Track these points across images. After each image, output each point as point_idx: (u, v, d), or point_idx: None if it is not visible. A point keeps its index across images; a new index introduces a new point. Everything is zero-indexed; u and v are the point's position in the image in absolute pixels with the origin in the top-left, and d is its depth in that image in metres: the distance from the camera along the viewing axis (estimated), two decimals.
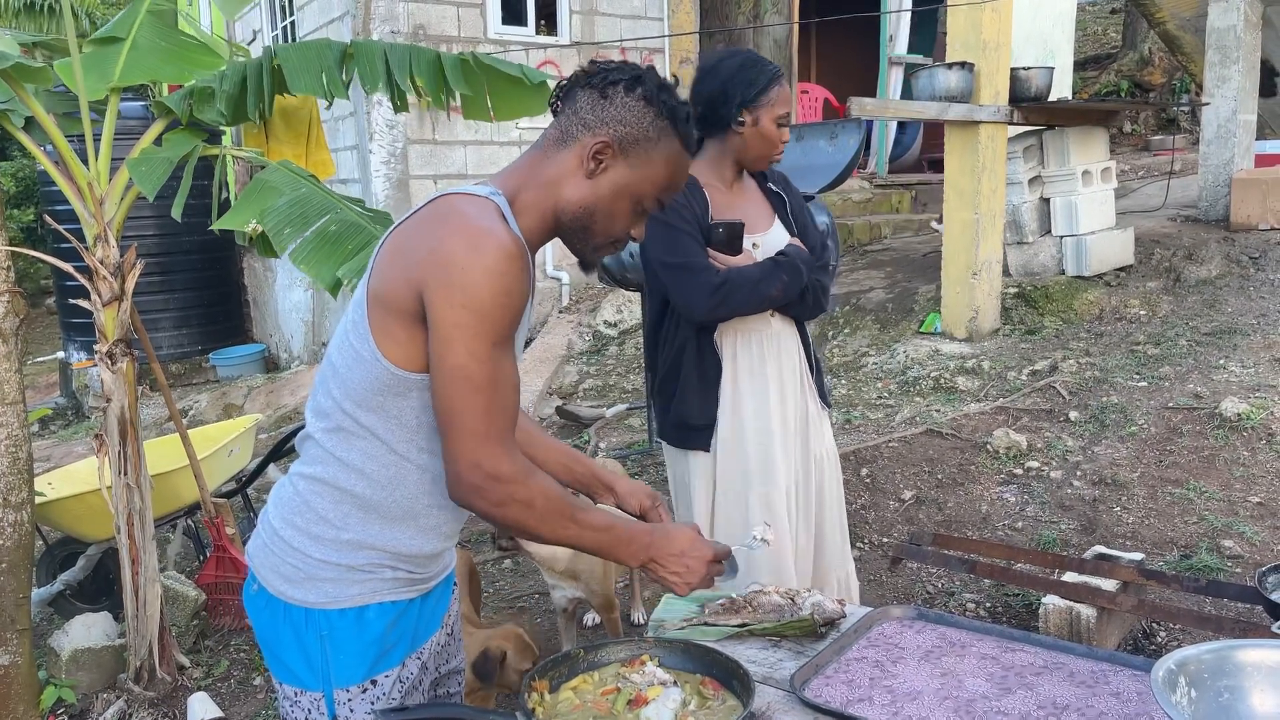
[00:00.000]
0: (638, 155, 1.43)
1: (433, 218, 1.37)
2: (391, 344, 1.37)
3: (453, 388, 1.31)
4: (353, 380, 1.41)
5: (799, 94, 10.62)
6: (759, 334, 2.43)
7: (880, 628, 1.67)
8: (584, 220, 1.45)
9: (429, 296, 1.30)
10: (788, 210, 2.49)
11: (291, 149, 3.37)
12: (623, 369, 6.97)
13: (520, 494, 1.36)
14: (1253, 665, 1.32)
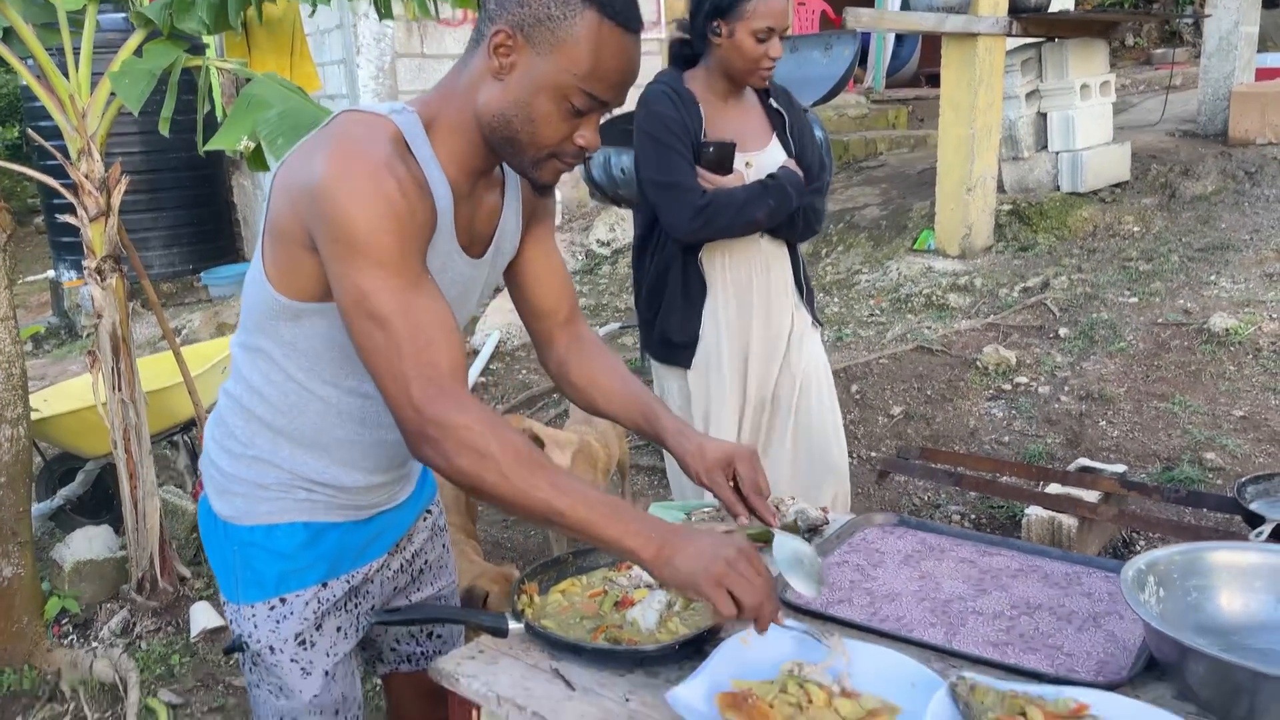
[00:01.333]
0: (544, 40, 1.23)
1: (318, 142, 1.24)
2: (278, 271, 1.30)
3: (356, 327, 1.21)
4: (250, 301, 1.37)
5: (795, 5, 10.38)
6: (747, 254, 2.41)
7: (862, 533, 1.71)
8: (504, 130, 1.27)
9: (314, 232, 1.22)
10: (786, 128, 2.42)
11: (275, 61, 3.31)
12: (615, 288, 6.96)
13: (471, 440, 1.17)
14: (1221, 565, 1.36)
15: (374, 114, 1.26)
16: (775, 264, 2.45)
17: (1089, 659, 1.30)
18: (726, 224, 2.30)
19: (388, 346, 1.19)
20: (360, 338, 1.21)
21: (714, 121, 2.34)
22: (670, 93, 2.33)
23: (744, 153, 2.35)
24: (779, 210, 2.31)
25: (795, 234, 2.43)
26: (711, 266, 2.40)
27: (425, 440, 1.19)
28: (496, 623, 1.39)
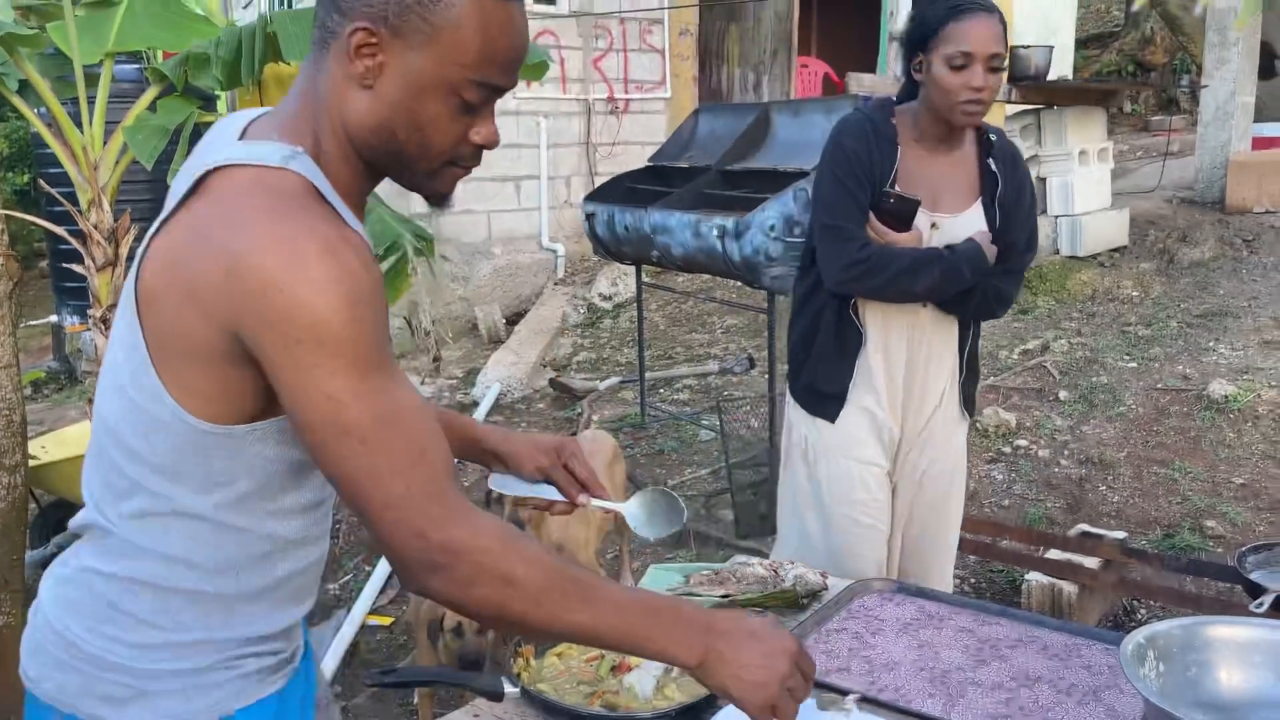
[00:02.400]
0: (416, 31, 0.99)
1: (215, 221, 0.97)
2: (196, 398, 1.00)
3: (335, 451, 0.95)
4: (149, 448, 1.03)
5: (799, 68, 10.57)
6: (906, 319, 2.16)
7: (861, 600, 1.70)
8: (387, 145, 1.03)
9: (253, 340, 0.94)
10: (996, 194, 2.12)
11: None
12: (616, 342, 6.98)
13: (492, 564, 0.97)
14: (1221, 640, 1.36)
15: (269, 168, 0.99)
16: (938, 337, 2.18)
17: None
18: (879, 286, 2.07)
19: (375, 466, 0.95)
20: (335, 461, 0.96)
21: (911, 168, 2.08)
22: (868, 127, 2.09)
23: (934, 212, 2.10)
24: (943, 287, 2.06)
25: (967, 313, 2.18)
26: (871, 319, 2.17)
27: (433, 570, 0.97)
28: (492, 686, 1.38)
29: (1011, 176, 2.13)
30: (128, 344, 1.04)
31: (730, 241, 3.83)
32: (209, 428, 1.02)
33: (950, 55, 1.96)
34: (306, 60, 1.06)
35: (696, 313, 7.35)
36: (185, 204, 1.01)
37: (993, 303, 2.16)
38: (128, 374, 1.04)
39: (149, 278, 1.02)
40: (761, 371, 5.60)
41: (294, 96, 1.06)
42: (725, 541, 3.85)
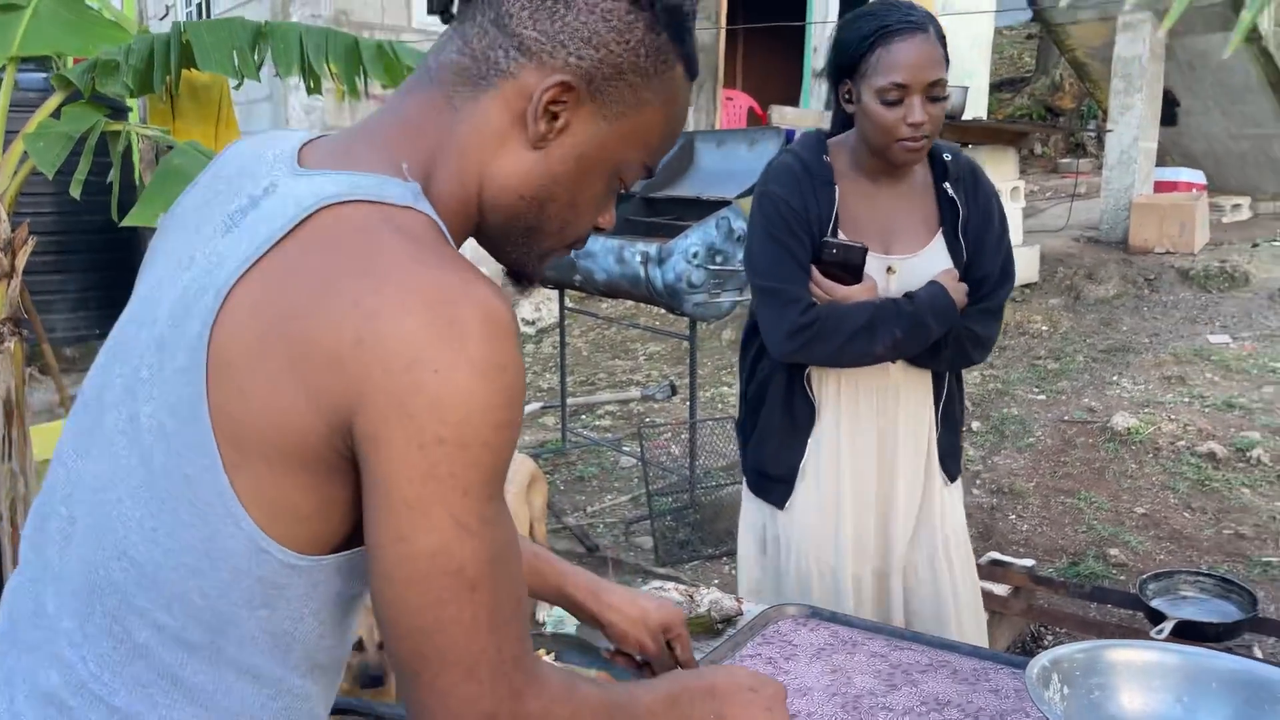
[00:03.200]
0: (619, 98, 0.84)
1: (337, 268, 0.74)
2: (283, 517, 0.77)
3: (432, 593, 0.73)
4: (198, 593, 0.77)
5: (724, 100, 10.73)
6: (872, 380, 1.87)
7: (775, 625, 1.70)
8: (530, 215, 0.86)
9: (371, 430, 0.72)
10: (959, 225, 1.85)
11: (201, 129, 3.28)
12: (539, 367, 6.94)
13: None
14: (1122, 664, 1.38)
15: (396, 206, 0.78)
16: (910, 394, 1.89)
17: None
18: (832, 353, 1.79)
19: (475, 619, 0.74)
20: (425, 606, 0.73)
21: (854, 208, 1.83)
22: (797, 169, 1.83)
23: (886, 255, 1.84)
24: (908, 343, 1.79)
25: (939, 364, 1.88)
26: (823, 388, 1.89)
27: None
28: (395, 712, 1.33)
29: (974, 200, 1.86)
30: (174, 440, 0.76)
31: (653, 268, 3.84)
32: (295, 560, 0.77)
33: (882, 88, 1.70)
34: (425, 87, 0.85)
35: (620, 339, 7.36)
36: (277, 246, 0.76)
37: (969, 349, 1.86)
38: (173, 485, 0.76)
39: (227, 339, 0.74)
40: (683, 398, 5.62)
41: (391, 124, 0.85)
42: (644, 568, 3.83)
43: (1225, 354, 5.58)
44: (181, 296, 0.79)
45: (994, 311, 1.88)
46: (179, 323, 0.77)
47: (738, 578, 2.13)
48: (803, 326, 1.77)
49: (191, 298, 0.78)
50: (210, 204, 0.86)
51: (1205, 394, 5.07)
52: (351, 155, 0.83)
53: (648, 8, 0.83)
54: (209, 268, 0.78)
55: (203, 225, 0.84)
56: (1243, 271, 6.57)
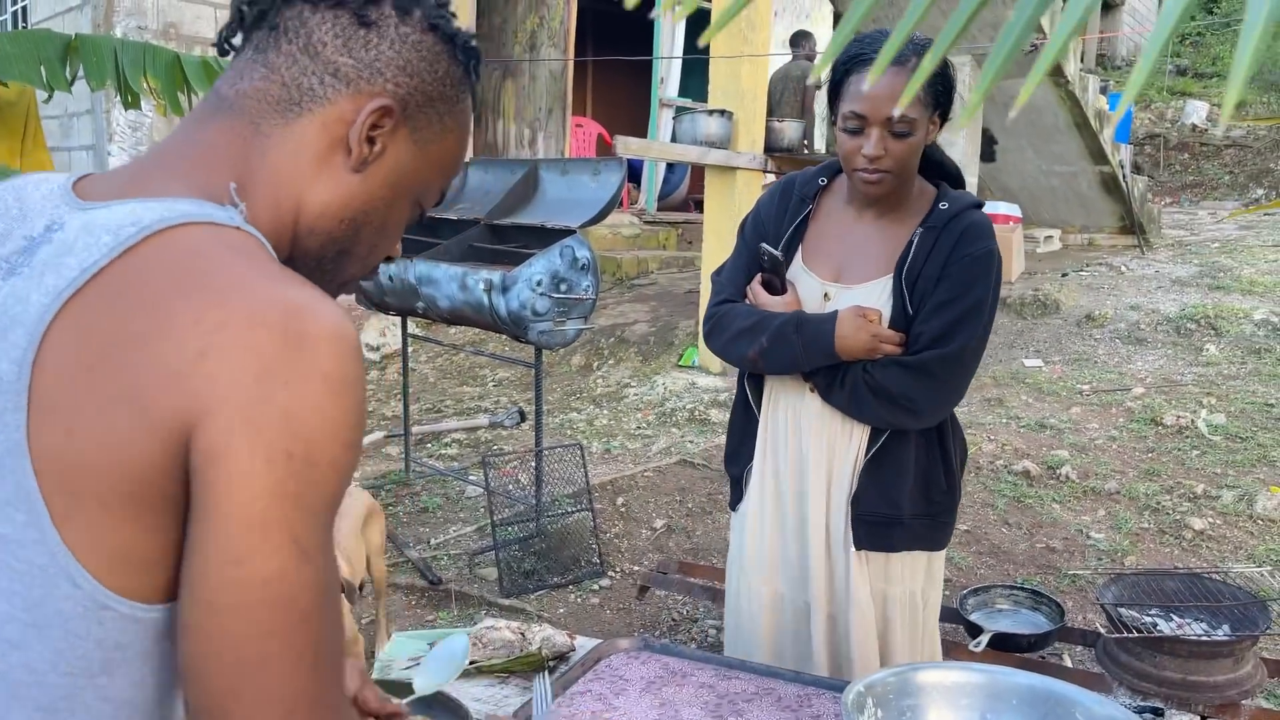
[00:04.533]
0: (429, 124, 0.87)
1: (171, 288, 0.70)
2: (126, 564, 0.70)
3: (258, 623, 0.68)
4: (25, 662, 0.70)
5: (573, 127, 10.81)
6: (790, 406, 1.89)
7: (607, 661, 1.70)
8: (343, 239, 0.86)
9: (209, 448, 0.67)
10: (905, 264, 1.77)
11: (5, 145, 3.06)
12: (384, 395, 6.77)
13: None
14: (931, 685, 1.45)
15: (224, 226, 0.76)
16: (826, 431, 1.83)
17: None
18: (721, 346, 1.87)
19: (300, 656, 0.69)
20: (247, 638, 0.68)
21: (822, 230, 1.88)
22: (790, 185, 1.94)
23: (830, 282, 1.85)
24: (771, 354, 1.79)
25: (844, 405, 1.80)
26: (765, 395, 1.92)
27: None
28: None
29: (942, 254, 1.76)
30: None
31: (497, 295, 3.82)
32: (140, 612, 0.71)
33: (845, 115, 1.73)
34: (224, 115, 0.83)
35: (468, 365, 7.27)
36: (97, 277, 0.70)
37: (871, 400, 1.75)
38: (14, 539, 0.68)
39: (49, 379, 0.68)
40: (532, 424, 5.59)
41: (189, 153, 0.82)
42: (488, 600, 3.78)
43: (1039, 377, 5.97)
44: None
45: (910, 368, 1.73)
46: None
47: None
48: (709, 317, 1.89)
49: None
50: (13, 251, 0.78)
51: (1021, 415, 5.41)
52: (145, 185, 0.79)
53: (449, 42, 0.87)
54: (5, 310, 0.72)
55: None
56: (1054, 300, 7.06)
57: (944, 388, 1.77)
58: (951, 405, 1.85)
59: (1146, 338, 6.49)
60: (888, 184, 1.78)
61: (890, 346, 1.76)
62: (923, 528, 1.86)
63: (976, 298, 1.75)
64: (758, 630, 1.96)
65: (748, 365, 1.87)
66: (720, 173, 6.21)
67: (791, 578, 1.93)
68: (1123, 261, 8.17)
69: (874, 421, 1.80)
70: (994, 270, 1.78)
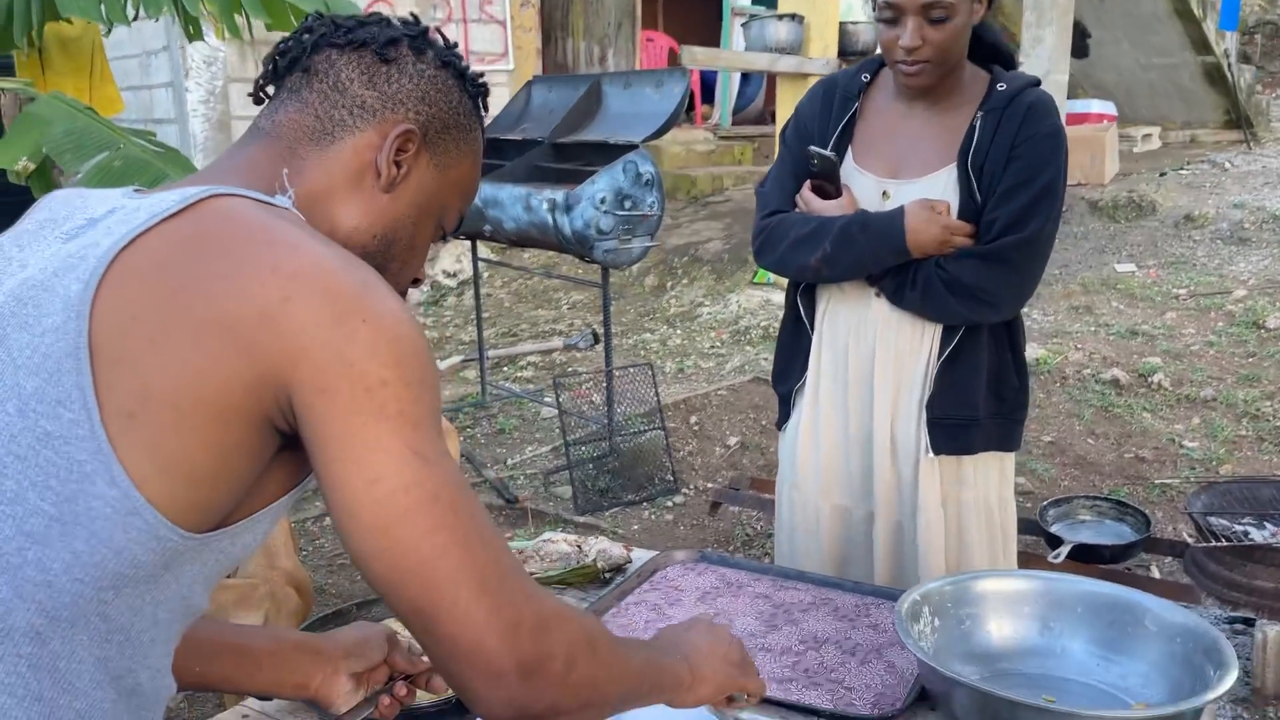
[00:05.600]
0: (447, 149, 0.96)
1: (243, 239, 0.78)
2: (174, 473, 0.74)
3: (422, 523, 0.75)
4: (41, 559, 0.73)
5: (644, 42, 10.58)
6: (852, 316, 1.81)
7: (663, 572, 1.70)
8: (379, 255, 0.93)
9: (312, 388, 0.74)
10: (969, 156, 1.70)
11: (73, 82, 3.12)
12: (460, 320, 6.85)
13: (580, 635, 0.83)
14: (990, 594, 1.41)
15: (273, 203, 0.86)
16: (893, 336, 1.77)
17: (868, 691, 1.32)
18: (777, 261, 1.80)
19: (468, 539, 0.77)
20: (417, 538, 0.75)
21: (872, 127, 1.79)
22: (832, 84, 1.86)
23: (889, 179, 1.77)
24: (839, 261, 1.71)
25: (913, 306, 1.74)
26: (819, 309, 1.84)
27: (535, 670, 0.78)
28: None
29: (1006, 135, 1.69)
30: (32, 400, 0.73)
31: (561, 215, 3.79)
32: (162, 529, 0.75)
33: (880, 4, 1.67)
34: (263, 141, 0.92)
35: (541, 288, 7.29)
36: (163, 224, 0.78)
37: (945, 294, 1.69)
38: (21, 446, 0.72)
39: (127, 295, 0.75)
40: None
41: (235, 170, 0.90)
42: (563, 517, 3.83)
43: (1131, 282, 5.72)
44: (27, 283, 0.78)
45: (985, 258, 1.67)
46: (43, 289, 0.76)
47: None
48: (759, 231, 1.80)
49: (52, 275, 0.77)
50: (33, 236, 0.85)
51: (1111, 322, 5.20)
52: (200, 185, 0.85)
53: (459, 77, 0.97)
54: (73, 254, 0.78)
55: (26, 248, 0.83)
56: (1150, 201, 6.71)
57: (1022, 276, 1.71)
58: (1029, 295, 1.78)
59: (1250, 237, 6.13)
60: (929, 74, 1.70)
61: (962, 239, 1.70)
62: (997, 428, 1.81)
63: (1048, 179, 1.68)
64: (819, 546, 1.92)
65: (809, 275, 1.79)
66: (792, 81, 6.00)
67: (854, 490, 1.88)
68: (1227, 158, 7.71)
69: (950, 319, 1.73)
70: (1062, 149, 1.70)
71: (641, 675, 0.93)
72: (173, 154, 2.81)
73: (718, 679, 1.05)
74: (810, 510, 1.92)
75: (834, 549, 1.92)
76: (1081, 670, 1.33)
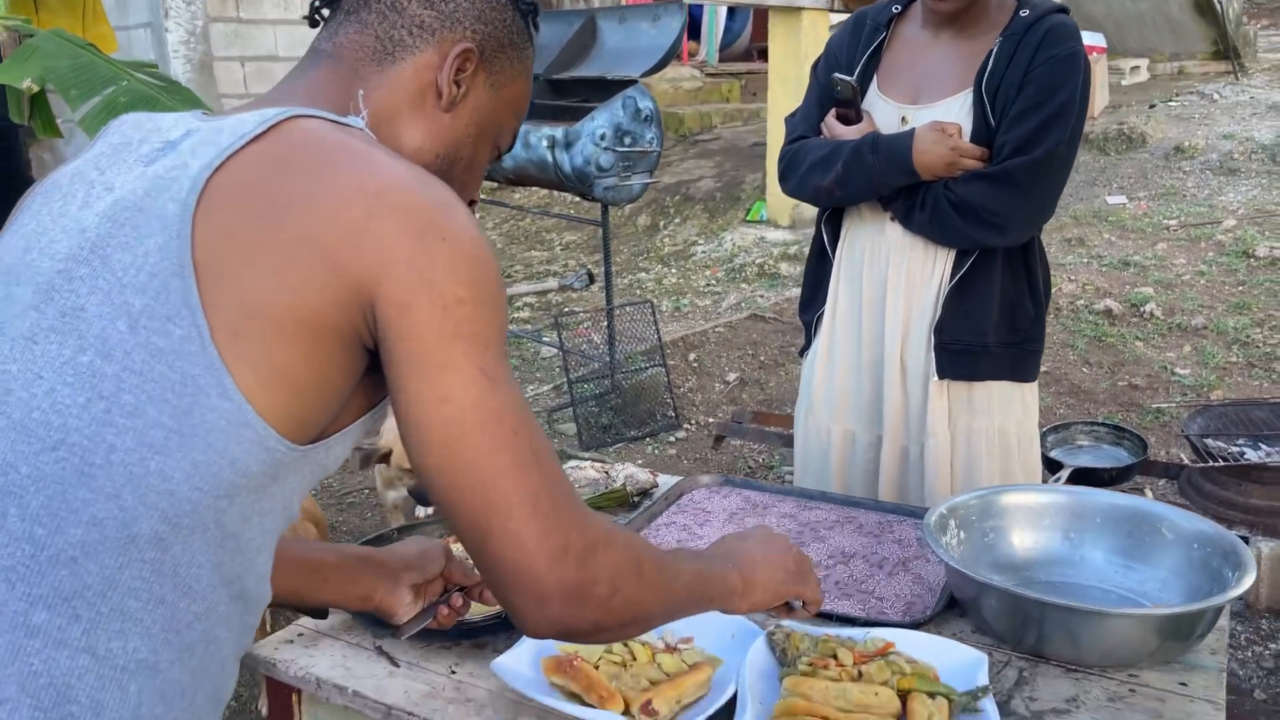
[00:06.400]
0: (503, 69, 0.96)
1: (326, 157, 0.80)
2: (279, 388, 0.77)
3: (483, 442, 0.77)
4: (163, 468, 0.75)
5: None
6: (867, 242, 1.84)
7: (690, 495, 1.74)
8: (443, 173, 0.93)
9: (393, 303, 0.76)
10: (983, 80, 1.70)
11: (67, 20, 3.07)
12: None
13: (626, 560, 0.84)
14: (1014, 507, 1.46)
15: (349, 125, 0.87)
16: (906, 260, 1.79)
17: (898, 601, 1.37)
18: (796, 185, 1.84)
19: (524, 461, 0.78)
20: (478, 457, 0.77)
21: (898, 55, 1.83)
22: (860, 17, 1.90)
23: (908, 103, 1.79)
24: (850, 182, 1.75)
25: (923, 228, 1.75)
26: (841, 236, 1.88)
27: (581, 594, 0.80)
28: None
29: (1025, 59, 1.68)
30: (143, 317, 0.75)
31: (560, 152, 3.77)
32: (271, 441, 0.78)
33: None
34: (325, 64, 0.92)
35: (535, 229, 7.27)
36: (248, 147, 0.80)
37: (956, 217, 1.69)
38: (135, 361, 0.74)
39: (225, 215, 0.77)
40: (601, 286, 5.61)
41: (299, 92, 0.90)
42: (568, 453, 3.88)
43: (1122, 214, 5.75)
44: (119, 204, 0.79)
45: (993, 179, 1.67)
46: (139, 210, 0.78)
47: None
48: (783, 156, 1.84)
49: (144, 196, 0.79)
50: (111, 160, 0.86)
51: (1103, 253, 5.24)
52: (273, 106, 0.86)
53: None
54: (161, 176, 0.79)
55: (107, 171, 0.84)
56: (1140, 133, 6.73)
57: (1031, 199, 1.69)
58: (1041, 220, 1.77)
59: (1240, 168, 6.17)
60: (956, 0, 1.72)
61: (971, 161, 1.69)
62: (1008, 357, 1.81)
63: (1062, 101, 1.66)
64: (828, 468, 1.95)
65: (824, 198, 1.82)
66: (783, 14, 5.95)
67: (863, 414, 1.89)
68: (1215, 89, 7.71)
69: (958, 242, 1.73)
70: (1081, 72, 1.69)
71: (689, 590, 0.95)
72: (174, 86, 2.78)
73: (772, 586, 1.07)
74: (823, 435, 1.94)
75: (841, 474, 1.95)
76: (1101, 578, 1.39)
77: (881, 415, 1.87)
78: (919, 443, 1.83)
